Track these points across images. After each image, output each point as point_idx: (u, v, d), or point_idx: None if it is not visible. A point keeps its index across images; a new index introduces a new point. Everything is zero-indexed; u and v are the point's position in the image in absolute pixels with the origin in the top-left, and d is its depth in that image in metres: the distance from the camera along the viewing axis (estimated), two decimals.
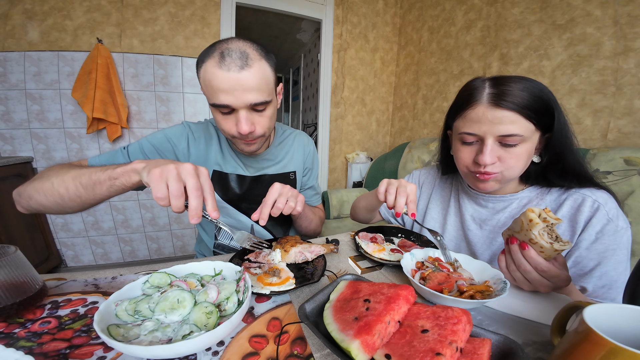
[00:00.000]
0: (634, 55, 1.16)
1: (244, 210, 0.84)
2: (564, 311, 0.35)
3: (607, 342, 0.23)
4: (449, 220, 0.78)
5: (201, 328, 0.35)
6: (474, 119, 0.57)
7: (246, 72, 0.57)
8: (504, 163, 0.57)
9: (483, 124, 0.56)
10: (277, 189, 0.60)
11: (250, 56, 0.58)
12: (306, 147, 0.93)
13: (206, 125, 0.80)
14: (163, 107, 2.08)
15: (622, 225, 0.55)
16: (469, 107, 0.58)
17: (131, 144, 0.72)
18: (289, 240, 0.63)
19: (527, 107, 0.53)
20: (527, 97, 0.53)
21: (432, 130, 2.33)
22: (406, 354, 0.29)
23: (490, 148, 0.56)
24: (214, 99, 0.60)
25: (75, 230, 2.05)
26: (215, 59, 0.57)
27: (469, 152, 0.61)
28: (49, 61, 1.78)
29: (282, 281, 0.49)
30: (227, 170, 0.79)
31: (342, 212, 2.22)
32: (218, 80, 0.57)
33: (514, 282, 0.49)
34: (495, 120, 0.54)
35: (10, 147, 1.82)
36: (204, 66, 0.59)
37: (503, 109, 0.53)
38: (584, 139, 1.35)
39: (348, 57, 2.62)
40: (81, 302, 0.44)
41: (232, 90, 0.58)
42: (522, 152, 0.56)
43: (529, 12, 1.56)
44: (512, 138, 0.54)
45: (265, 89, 0.62)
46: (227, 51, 0.57)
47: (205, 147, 0.77)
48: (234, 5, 2.15)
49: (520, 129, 0.53)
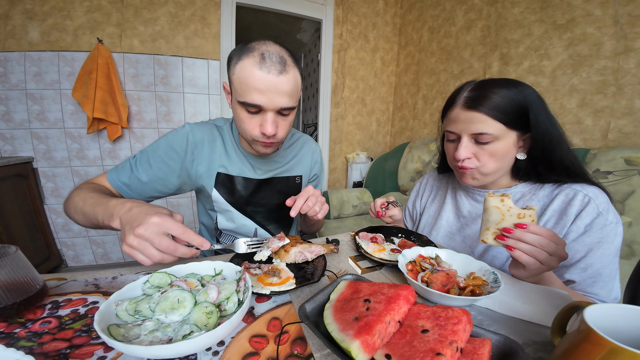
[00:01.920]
0: (635, 55, 1.16)
1: (249, 213, 0.84)
2: (564, 311, 0.35)
3: (607, 342, 0.23)
4: (444, 215, 0.81)
5: (201, 328, 0.35)
6: (452, 118, 0.65)
7: (283, 76, 0.59)
8: (479, 159, 0.64)
9: (459, 123, 0.64)
10: (311, 188, 0.67)
11: (288, 62, 0.60)
12: (314, 154, 0.93)
13: (210, 128, 0.78)
14: (163, 107, 2.08)
15: (612, 220, 0.56)
16: (449, 108, 0.67)
17: (139, 155, 0.72)
18: (289, 240, 0.63)
19: (496, 109, 0.59)
20: (498, 101, 0.58)
21: (432, 130, 2.33)
22: (406, 354, 0.29)
23: (465, 144, 0.64)
24: (246, 97, 0.60)
25: (76, 230, 2.05)
26: (255, 58, 0.58)
27: (452, 148, 0.68)
28: (49, 61, 1.78)
29: (282, 281, 0.49)
30: (233, 172, 0.78)
31: (343, 212, 2.22)
32: (256, 79, 0.58)
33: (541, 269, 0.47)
34: (467, 120, 0.62)
35: (10, 147, 1.82)
36: (241, 63, 0.59)
37: (473, 110, 0.60)
38: (584, 139, 1.35)
39: (348, 57, 2.62)
40: (82, 302, 0.44)
41: (267, 92, 0.59)
42: (495, 149, 0.61)
43: (529, 12, 1.55)
44: (483, 136, 0.60)
45: (295, 95, 0.64)
46: (268, 54, 0.58)
47: (209, 149, 0.76)
48: (234, 5, 2.15)
49: (489, 128, 0.59)
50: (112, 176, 0.70)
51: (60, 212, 1.99)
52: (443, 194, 0.85)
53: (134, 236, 0.43)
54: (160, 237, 0.44)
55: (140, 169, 0.71)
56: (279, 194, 0.85)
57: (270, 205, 0.85)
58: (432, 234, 0.82)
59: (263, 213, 0.86)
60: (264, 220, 0.87)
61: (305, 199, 0.65)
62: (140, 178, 0.71)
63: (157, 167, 0.72)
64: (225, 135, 0.79)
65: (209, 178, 0.77)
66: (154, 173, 0.71)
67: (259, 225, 0.86)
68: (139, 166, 0.71)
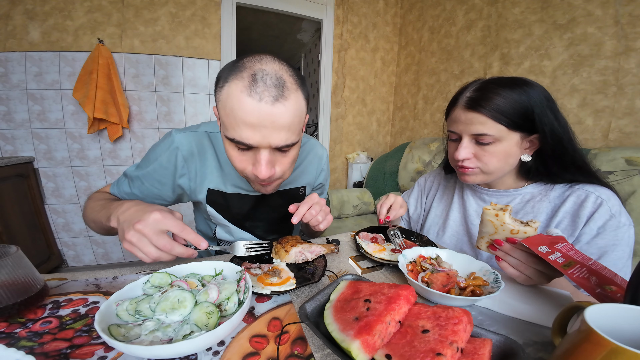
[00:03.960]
0: (635, 55, 1.16)
1: (248, 228, 0.79)
2: (565, 311, 0.35)
3: (608, 343, 0.23)
4: (451, 216, 0.80)
5: (202, 328, 0.35)
6: (454, 119, 0.65)
7: (280, 105, 0.46)
8: (480, 160, 0.63)
9: (459, 124, 0.64)
10: (315, 196, 0.63)
11: (287, 85, 0.47)
12: (320, 162, 0.84)
13: (200, 137, 0.67)
14: (164, 107, 2.08)
15: (625, 222, 0.55)
16: (452, 108, 0.67)
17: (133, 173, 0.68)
18: (290, 240, 0.63)
19: (497, 111, 0.58)
20: (500, 102, 0.58)
21: (432, 131, 2.33)
22: (407, 354, 0.29)
23: (465, 145, 0.63)
24: (234, 134, 0.48)
25: (77, 230, 2.05)
26: (244, 81, 0.46)
27: (453, 147, 0.68)
28: (50, 61, 1.79)
29: (282, 281, 0.49)
30: (226, 189, 0.70)
31: (343, 212, 2.22)
32: (245, 111, 0.45)
33: (530, 282, 0.49)
34: (467, 121, 0.62)
35: (11, 147, 1.82)
36: (228, 87, 0.47)
37: (473, 111, 0.60)
38: (585, 139, 1.34)
39: (348, 57, 2.62)
40: (82, 302, 0.44)
41: (259, 127, 0.47)
42: (496, 150, 0.61)
43: (529, 12, 1.55)
44: (483, 137, 0.60)
45: (297, 128, 0.51)
46: (261, 74, 0.46)
47: (200, 163, 0.67)
48: (235, 5, 2.15)
49: (489, 129, 0.59)
50: (114, 190, 0.69)
51: (60, 212, 1.99)
52: (450, 194, 0.84)
53: (134, 231, 0.43)
54: (158, 234, 0.43)
55: (134, 188, 0.68)
56: (280, 208, 0.78)
57: (270, 220, 0.81)
58: (439, 234, 0.81)
59: (263, 227, 0.81)
60: (264, 234, 0.83)
61: (309, 207, 0.61)
62: (137, 195, 0.68)
63: (150, 184, 0.67)
64: (218, 143, 0.69)
65: (201, 194, 0.70)
66: (148, 190, 0.68)
67: (259, 238, 0.83)
68: (132, 185, 0.68)
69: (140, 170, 0.67)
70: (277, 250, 0.61)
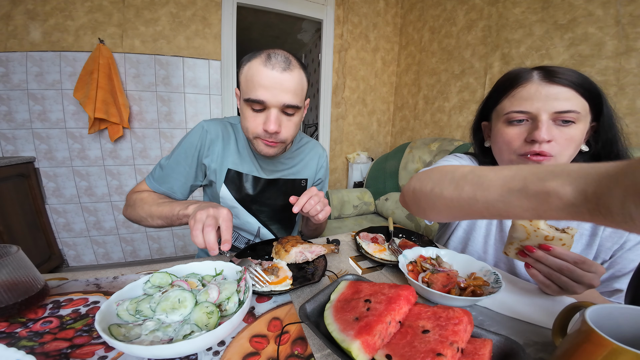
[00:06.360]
0: (636, 55, 1.16)
1: (254, 211, 0.85)
2: (565, 312, 0.35)
3: (608, 343, 0.23)
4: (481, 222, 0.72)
5: (202, 328, 0.35)
6: (525, 96, 0.55)
7: (287, 74, 0.62)
8: (558, 144, 0.53)
9: (536, 101, 0.53)
10: (315, 189, 0.67)
11: (293, 62, 0.64)
12: (320, 159, 0.94)
13: (224, 125, 0.81)
14: (164, 107, 2.08)
15: None
16: (519, 85, 0.56)
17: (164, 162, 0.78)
18: (290, 240, 0.63)
19: (581, 86, 0.51)
20: (578, 77, 0.52)
21: (433, 131, 2.33)
22: (407, 354, 0.29)
23: (546, 125, 0.53)
24: (251, 94, 0.63)
25: (77, 230, 2.05)
26: (262, 57, 0.63)
27: (518, 132, 0.57)
28: (50, 61, 1.79)
29: (279, 280, 0.49)
30: (243, 170, 0.81)
31: (343, 212, 2.22)
32: (261, 76, 0.61)
33: (561, 293, 0.45)
34: (550, 96, 0.52)
35: (12, 147, 1.83)
36: (249, 64, 0.64)
37: (558, 84, 0.52)
38: None
39: (349, 57, 2.62)
40: (83, 301, 0.44)
41: (271, 88, 0.62)
42: (575, 133, 0.53)
43: (530, 12, 1.55)
44: (568, 114, 0.51)
45: (300, 95, 0.66)
46: (274, 54, 0.63)
47: (223, 146, 0.79)
48: (235, 5, 2.15)
49: (576, 105, 0.51)
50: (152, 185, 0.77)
51: (61, 212, 1.99)
52: None
53: (205, 212, 0.52)
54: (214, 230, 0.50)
55: (167, 169, 0.77)
56: (284, 196, 0.86)
57: (274, 206, 0.87)
58: (471, 235, 0.73)
59: (267, 212, 0.87)
60: (268, 220, 0.88)
61: (309, 198, 0.65)
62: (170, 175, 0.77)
63: (181, 166, 0.77)
64: (239, 133, 0.81)
65: (220, 173, 0.80)
66: (179, 173, 0.77)
67: (262, 224, 0.87)
68: (165, 169, 0.77)
69: (173, 154, 0.77)
70: (278, 250, 0.61)
